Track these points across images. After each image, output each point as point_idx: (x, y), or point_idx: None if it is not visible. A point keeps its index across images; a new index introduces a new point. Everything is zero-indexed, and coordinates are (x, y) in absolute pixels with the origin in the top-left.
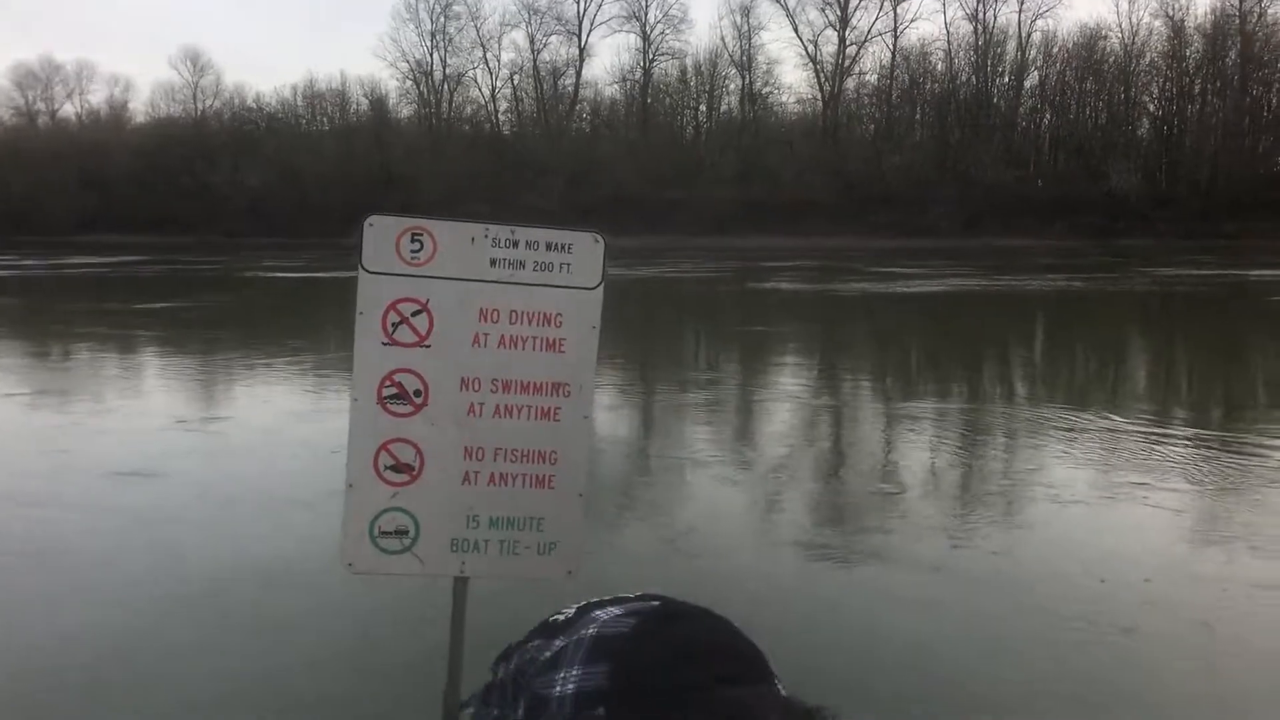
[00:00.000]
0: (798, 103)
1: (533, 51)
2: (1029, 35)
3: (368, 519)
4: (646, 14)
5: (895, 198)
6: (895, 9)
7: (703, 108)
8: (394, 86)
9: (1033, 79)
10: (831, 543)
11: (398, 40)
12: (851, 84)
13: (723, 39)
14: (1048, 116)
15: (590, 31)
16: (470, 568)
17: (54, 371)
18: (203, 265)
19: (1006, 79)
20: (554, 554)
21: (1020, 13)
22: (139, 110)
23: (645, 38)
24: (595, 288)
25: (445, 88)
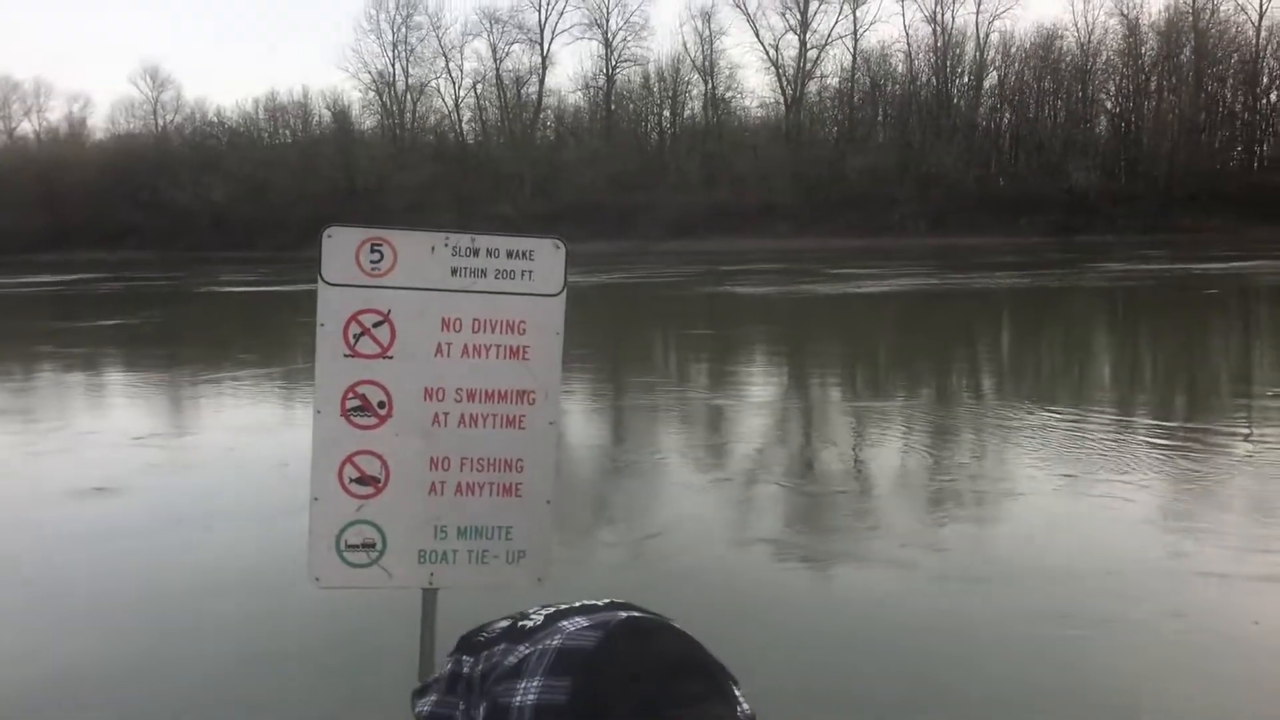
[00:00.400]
0: (761, 107)
1: (495, 60)
2: (987, 36)
3: (334, 532)
4: (608, 21)
5: (859, 199)
6: (855, 12)
7: (666, 113)
8: (357, 98)
9: (992, 79)
10: (776, 539)
11: (359, 51)
12: (813, 87)
13: (685, 45)
14: (1007, 116)
15: (552, 39)
16: (439, 579)
17: None
18: (159, 280)
19: (966, 79)
20: (523, 562)
21: (978, 14)
22: (99, 127)
23: (607, 45)
24: (558, 294)
25: (408, 98)
